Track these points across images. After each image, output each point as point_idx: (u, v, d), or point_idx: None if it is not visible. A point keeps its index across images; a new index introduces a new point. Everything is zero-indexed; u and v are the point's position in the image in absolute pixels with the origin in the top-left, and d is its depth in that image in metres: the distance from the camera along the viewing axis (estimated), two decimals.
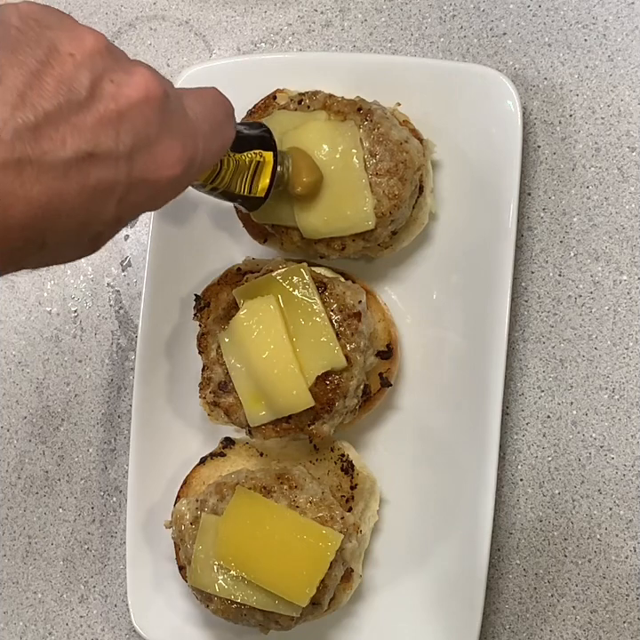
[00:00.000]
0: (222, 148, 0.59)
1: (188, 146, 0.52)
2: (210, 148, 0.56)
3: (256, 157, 0.67)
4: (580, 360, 0.80)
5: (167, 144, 0.51)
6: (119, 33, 0.94)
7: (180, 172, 0.52)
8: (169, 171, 0.51)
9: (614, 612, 0.78)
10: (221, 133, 0.58)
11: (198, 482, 0.81)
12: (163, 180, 0.51)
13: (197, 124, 0.55)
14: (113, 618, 0.90)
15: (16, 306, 0.95)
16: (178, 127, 0.52)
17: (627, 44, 0.81)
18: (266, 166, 0.68)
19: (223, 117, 0.59)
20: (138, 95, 0.49)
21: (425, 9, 0.86)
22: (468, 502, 0.77)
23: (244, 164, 0.66)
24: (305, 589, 0.72)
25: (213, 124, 0.57)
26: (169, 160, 0.51)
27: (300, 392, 0.73)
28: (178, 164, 0.51)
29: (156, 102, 0.50)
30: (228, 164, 0.65)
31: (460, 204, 0.80)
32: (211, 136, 0.56)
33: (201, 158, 0.54)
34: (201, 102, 0.57)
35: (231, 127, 0.60)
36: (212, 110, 0.57)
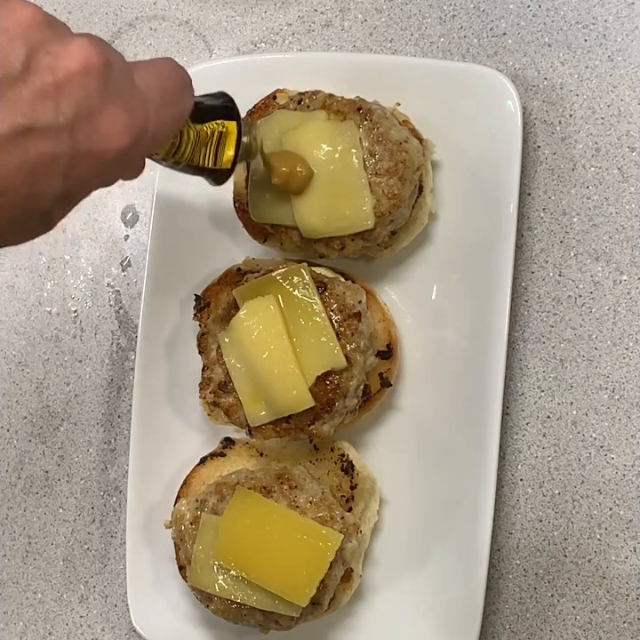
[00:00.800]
0: (178, 119, 0.57)
1: (135, 115, 0.51)
2: (163, 119, 0.54)
3: (218, 127, 0.65)
4: (579, 360, 0.80)
5: (111, 114, 0.49)
6: (119, 33, 0.94)
7: (127, 143, 0.50)
8: (115, 141, 0.49)
9: (614, 612, 0.78)
10: (176, 103, 0.56)
11: (198, 482, 0.81)
12: (110, 151, 0.49)
13: (147, 94, 0.53)
14: (113, 618, 0.90)
15: (16, 306, 0.95)
16: (123, 97, 0.50)
17: (627, 44, 0.81)
18: (229, 136, 0.65)
19: (177, 87, 0.57)
20: (76, 65, 0.47)
21: (425, 9, 0.86)
22: (468, 502, 0.77)
23: (205, 135, 0.64)
24: (305, 589, 0.72)
25: (166, 94, 0.55)
26: (114, 130, 0.49)
27: (300, 392, 0.73)
28: (124, 133, 0.50)
29: (96, 72, 0.48)
30: (188, 136, 0.62)
31: (460, 204, 0.80)
32: (163, 106, 0.54)
33: (153, 129, 0.53)
34: (152, 72, 0.55)
35: (187, 97, 0.58)
36: (164, 80, 0.55)
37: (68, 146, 0.47)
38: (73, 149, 0.47)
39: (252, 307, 0.75)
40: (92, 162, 0.49)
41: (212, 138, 0.65)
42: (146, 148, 0.53)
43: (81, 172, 0.49)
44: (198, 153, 0.64)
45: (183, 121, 0.58)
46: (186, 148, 0.63)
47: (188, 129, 0.63)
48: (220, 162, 0.66)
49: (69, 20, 0.95)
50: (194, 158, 0.64)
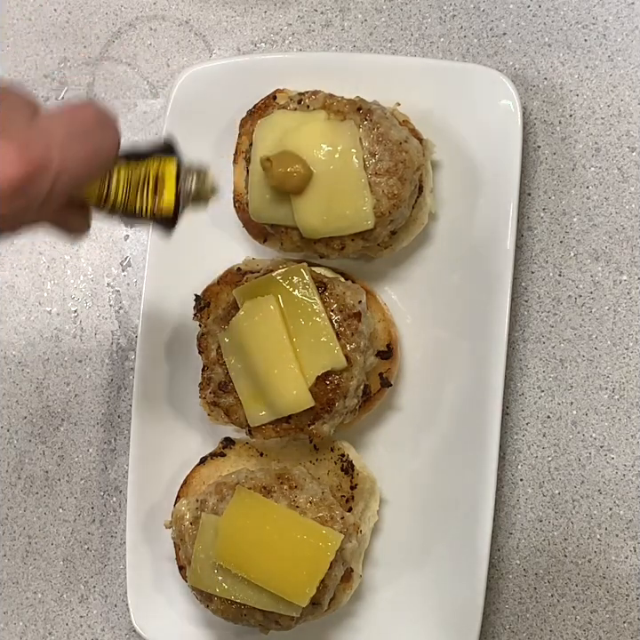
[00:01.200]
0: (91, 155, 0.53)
1: (28, 149, 0.49)
2: (70, 154, 0.51)
3: (153, 166, 0.59)
4: (580, 360, 0.80)
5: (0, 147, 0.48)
6: (119, 33, 0.94)
7: (20, 175, 0.48)
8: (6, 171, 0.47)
9: (614, 612, 0.78)
10: (88, 140, 0.53)
11: (198, 482, 0.81)
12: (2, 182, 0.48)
13: (49, 130, 0.51)
14: (113, 618, 0.90)
15: (16, 306, 0.95)
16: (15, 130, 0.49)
17: (627, 44, 0.81)
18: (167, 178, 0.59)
19: (87, 125, 0.53)
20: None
21: (425, 9, 0.86)
22: (468, 502, 0.77)
23: (137, 177, 0.58)
24: (305, 589, 0.72)
25: (73, 130, 0.52)
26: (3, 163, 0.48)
27: (300, 392, 0.73)
28: (15, 164, 0.48)
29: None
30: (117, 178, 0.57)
31: (460, 204, 0.81)
32: (69, 142, 0.51)
33: (58, 164, 0.50)
34: (61, 111, 0.53)
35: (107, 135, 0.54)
36: (72, 117, 0.53)
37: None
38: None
39: (251, 307, 0.75)
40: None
41: (148, 180, 0.58)
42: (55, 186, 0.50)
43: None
44: (133, 199, 0.58)
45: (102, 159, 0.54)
46: (117, 190, 0.57)
47: (119, 171, 0.58)
48: (160, 208, 0.59)
49: (69, 19, 0.95)
50: (128, 205, 0.58)
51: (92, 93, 0.94)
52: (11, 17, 0.97)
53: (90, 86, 0.94)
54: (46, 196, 0.51)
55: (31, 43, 0.96)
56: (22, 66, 0.96)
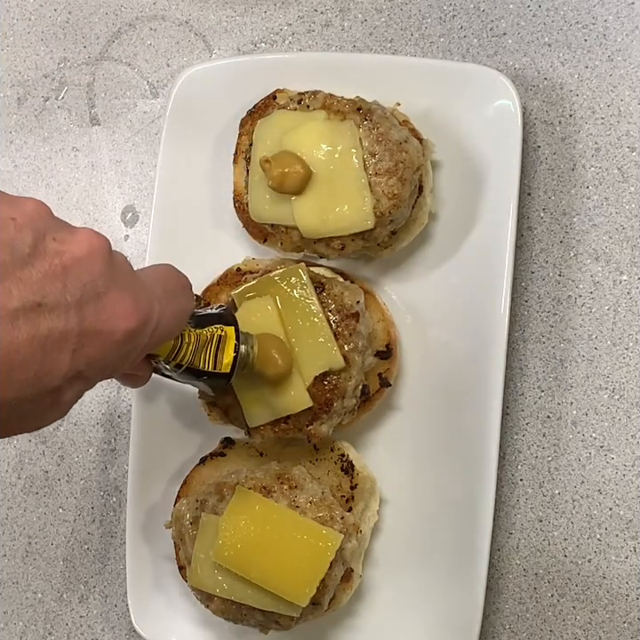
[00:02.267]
0: (180, 314, 0.60)
1: (139, 300, 0.53)
2: (166, 311, 0.56)
3: (217, 331, 0.67)
4: (579, 360, 0.80)
5: (117, 296, 0.51)
6: (119, 33, 0.94)
7: (134, 325, 0.52)
8: (122, 321, 0.51)
9: (614, 612, 0.78)
10: (177, 299, 0.59)
11: (198, 482, 0.81)
12: (117, 332, 0.51)
13: (149, 286, 0.56)
14: (113, 618, 0.90)
15: None
16: (127, 283, 0.53)
17: (627, 44, 0.81)
18: (228, 340, 0.68)
19: (178, 285, 0.60)
20: (81, 251, 0.50)
21: (425, 9, 0.86)
22: (468, 502, 0.77)
23: (205, 338, 0.66)
24: (305, 589, 0.72)
25: (167, 290, 0.58)
26: (120, 311, 0.51)
27: (298, 392, 0.73)
28: (131, 315, 0.52)
29: (100, 257, 0.51)
30: (188, 339, 0.65)
31: (460, 204, 0.80)
32: (165, 300, 0.57)
33: (157, 319, 0.55)
34: (153, 270, 0.59)
35: (188, 296, 0.61)
36: (165, 277, 0.59)
37: (77, 323, 0.49)
38: (81, 326, 0.49)
39: (249, 307, 0.75)
40: (100, 340, 0.50)
41: (212, 341, 0.67)
42: (151, 338, 0.55)
43: (89, 350, 0.50)
44: (199, 356, 0.66)
45: (186, 318, 0.61)
46: (187, 350, 0.65)
47: (189, 332, 0.65)
48: (220, 365, 0.67)
49: (69, 19, 0.95)
50: (194, 361, 0.66)
51: (92, 93, 0.94)
52: (11, 17, 0.97)
53: (90, 86, 0.95)
54: (143, 348, 0.55)
55: (31, 43, 0.96)
56: (22, 66, 0.96)
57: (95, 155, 0.94)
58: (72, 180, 0.94)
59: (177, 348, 0.64)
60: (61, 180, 0.94)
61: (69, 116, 0.95)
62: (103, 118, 0.94)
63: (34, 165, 0.95)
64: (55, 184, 0.95)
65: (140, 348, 0.55)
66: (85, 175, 0.94)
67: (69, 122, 0.95)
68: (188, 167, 0.85)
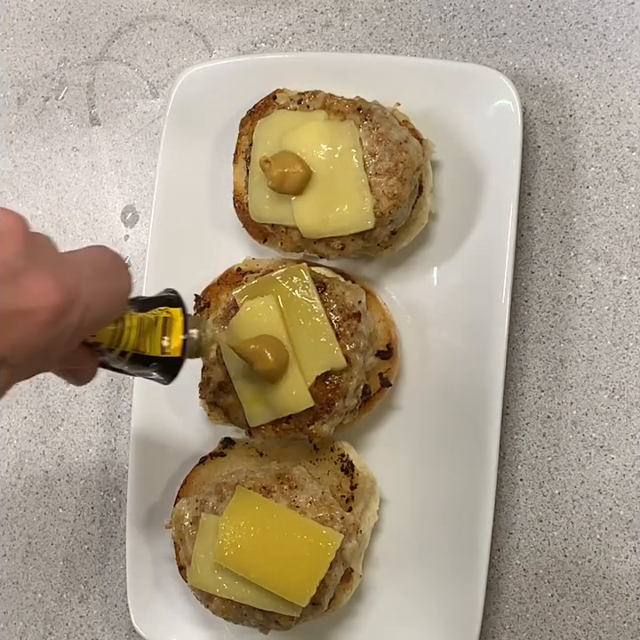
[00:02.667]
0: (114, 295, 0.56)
1: (63, 278, 0.50)
2: (96, 290, 0.53)
3: (162, 314, 0.63)
4: (579, 360, 0.80)
5: (36, 275, 0.49)
6: (119, 33, 0.94)
7: (57, 304, 0.49)
8: (43, 300, 0.49)
9: (614, 612, 0.78)
10: (110, 279, 0.56)
11: (198, 482, 0.81)
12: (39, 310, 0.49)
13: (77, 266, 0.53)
14: (113, 618, 0.90)
15: None
16: (48, 261, 0.51)
17: (627, 44, 0.81)
18: (174, 322, 0.63)
19: (110, 265, 0.57)
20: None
21: (425, 9, 0.86)
22: (468, 502, 0.77)
23: (148, 321, 0.62)
24: (305, 589, 0.72)
25: (98, 269, 0.55)
26: (41, 289, 0.49)
27: (299, 392, 0.73)
28: (53, 293, 0.49)
29: (15, 236, 0.49)
30: (130, 322, 0.61)
31: (460, 204, 0.81)
32: (95, 279, 0.54)
33: (86, 298, 0.52)
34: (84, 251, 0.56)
35: (123, 276, 0.57)
36: (95, 257, 0.56)
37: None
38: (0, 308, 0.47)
39: (251, 307, 0.75)
40: (21, 322, 0.48)
41: (157, 324, 0.63)
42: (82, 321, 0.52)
43: (11, 333, 0.48)
44: (144, 341, 0.62)
45: (121, 299, 0.57)
46: (130, 334, 0.61)
47: (130, 316, 0.61)
48: (169, 349, 0.63)
49: (69, 19, 0.95)
50: (139, 346, 0.62)
51: (92, 93, 0.94)
52: (11, 17, 0.97)
53: (90, 86, 0.95)
54: (74, 330, 0.52)
55: (31, 43, 0.96)
56: (22, 66, 0.96)
57: (95, 155, 0.94)
58: (72, 180, 0.94)
59: (119, 334, 0.60)
60: (61, 179, 0.94)
61: (69, 116, 0.95)
62: (103, 118, 0.94)
63: (34, 165, 0.95)
64: (55, 184, 0.95)
65: (71, 331, 0.52)
66: (85, 175, 0.94)
67: (69, 122, 0.95)
68: (188, 167, 0.85)
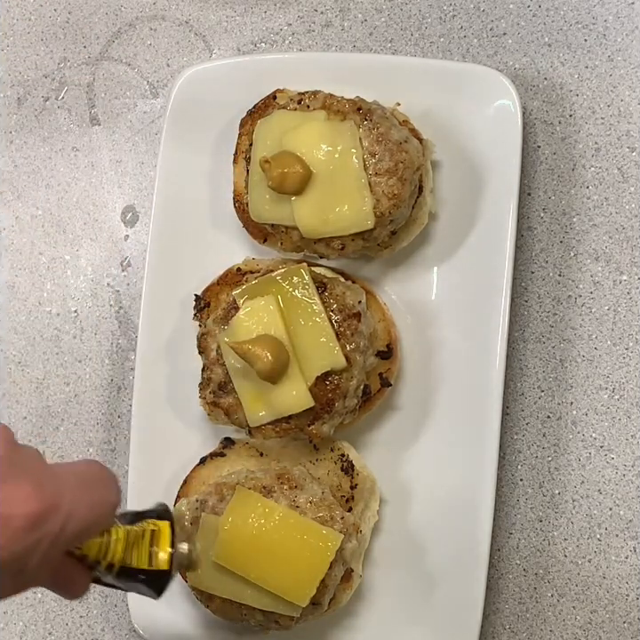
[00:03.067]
0: (98, 505, 0.56)
1: (43, 485, 0.51)
2: (80, 500, 0.54)
3: (149, 526, 0.63)
4: (579, 360, 0.80)
5: (16, 482, 0.50)
6: (119, 33, 0.94)
7: (35, 509, 0.50)
8: (20, 506, 0.49)
9: (614, 612, 0.78)
10: (95, 490, 0.56)
11: (198, 482, 0.81)
12: (16, 516, 0.49)
13: (61, 475, 0.54)
14: (113, 618, 0.90)
15: (16, 306, 0.95)
16: (31, 469, 0.52)
17: (627, 44, 0.81)
18: (162, 535, 0.63)
19: (95, 477, 0.57)
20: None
21: (425, 9, 0.86)
22: (468, 502, 0.77)
23: (135, 534, 0.62)
24: (305, 589, 0.72)
25: (84, 480, 0.56)
26: (19, 495, 0.50)
27: (299, 392, 0.73)
28: (31, 499, 0.50)
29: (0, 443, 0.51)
30: (116, 534, 0.61)
31: (460, 204, 0.81)
32: (80, 490, 0.54)
33: (67, 509, 0.52)
34: (68, 463, 0.57)
35: (110, 489, 0.58)
36: (82, 469, 0.57)
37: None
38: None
39: (251, 307, 0.75)
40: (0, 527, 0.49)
41: (144, 536, 0.63)
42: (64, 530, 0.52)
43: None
44: (130, 553, 0.62)
45: (107, 511, 0.58)
46: (116, 547, 0.61)
47: (117, 529, 0.62)
48: (156, 561, 0.63)
49: (69, 19, 0.95)
50: (126, 559, 0.62)
51: (92, 93, 0.94)
52: (11, 17, 0.97)
53: (90, 86, 0.94)
54: (54, 538, 0.52)
55: (31, 43, 0.96)
56: (22, 66, 0.96)
57: (95, 155, 0.94)
58: (72, 180, 0.94)
59: (105, 546, 0.60)
60: (61, 179, 0.94)
61: (69, 116, 0.95)
62: (103, 118, 0.94)
63: (34, 165, 0.95)
64: (55, 184, 0.95)
65: (50, 538, 0.52)
66: (85, 175, 0.94)
67: (69, 122, 0.95)
68: (188, 167, 0.85)
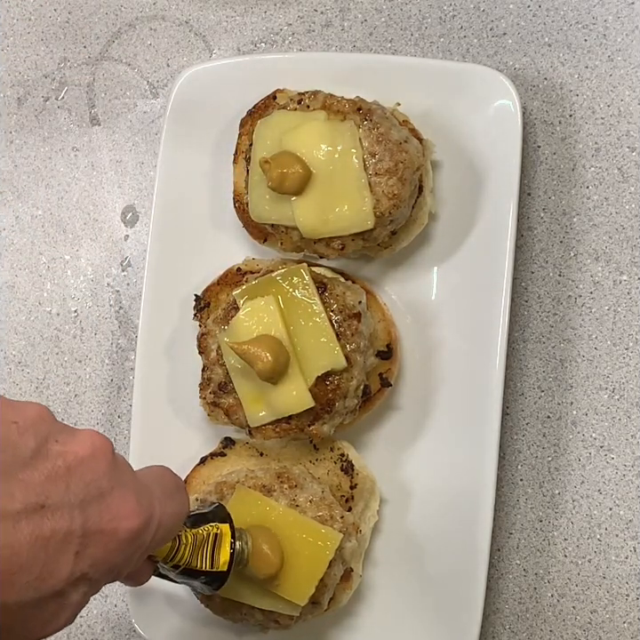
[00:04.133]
0: (178, 514, 0.59)
1: (142, 499, 0.53)
2: (166, 510, 0.56)
3: (213, 529, 0.67)
4: (579, 360, 0.80)
5: (120, 496, 0.51)
6: (119, 33, 0.94)
7: (138, 524, 0.52)
8: (126, 522, 0.51)
9: (614, 612, 0.78)
10: (175, 499, 0.59)
11: (198, 482, 0.81)
12: (121, 531, 0.51)
13: (150, 486, 0.56)
14: (113, 618, 0.90)
15: (16, 306, 0.95)
16: (129, 482, 0.53)
17: (627, 44, 0.81)
18: (224, 538, 0.67)
19: (173, 485, 0.60)
20: (84, 451, 0.51)
21: (425, 9, 0.86)
22: (469, 502, 0.77)
23: (201, 537, 0.66)
24: (304, 588, 0.72)
25: (165, 489, 0.58)
26: (124, 510, 0.51)
27: (300, 392, 0.73)
28: (134, 514, 0.52)
29: (103, 457, 0.52)
30: (185, 539, 0.64)
31: (460, 204, 0.81)
32: (164, 499, 0.56)
33: (158, 518, 0.54)
34: (149, 471, 0.59)
35: (184, 496, 0.61)
36: (161, 478, 0.59)
37: (80, 523, 0.49)
38: (85, 527, 0.49)
39: (251, 307, 0.75)
40: (104, 541, 0.50)
41: (208, 540, 0.66)
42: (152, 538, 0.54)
43: (93, 551, 0.50)
44: (196, 556, 0.65)
45: (183, 518, 0.61)
46: (184, 550, 0.64)
47: (185, 533, 0.65)
48: (217, 564, 0.67)
49: (69, 19, 0.95)
50: (192, 561, 0.65)
51: (92, 93, 0.94)
52: (11, 17, 0.97)
53: (90, 86, 0.95)
54: (146, 549, 0.54)
55: (31, 43, 0.96)
56: (22, 66, 0.96)
57: (95, 155, 0.94)
58: (72, 180, 0.94)
59: (175, 550, 0.64)
60: (61, 179, 0.94)
61: (69, 116, 0.95)
62: (103, 118, 0.94)
63: (34, 165, 0.95)
64: (55, 184, 0.95)
65: (144, 548, 0.54)
66: (85, 175, 0.94)
67: (69, 122, 0.95)
68: (188, 167, 0.85)
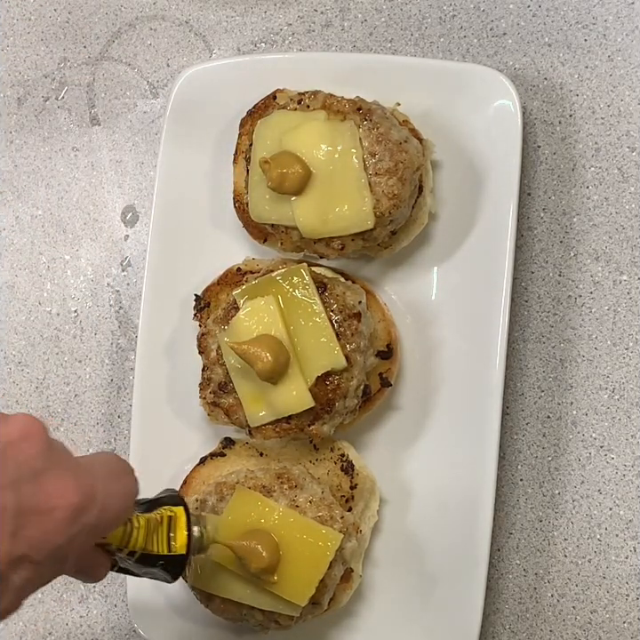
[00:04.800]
0: (125, 496, 0.58)
1: (80, 477, 0.52)
2: (110, 491, 0.55)
3: (167, 512, 0.67)
4: (579, 360, 0.80)
5: (56, 475, 0.51)
6: (119, 33, 0.94)
7: (76, 501, 0.51)
8: (62, 500, 0.51)
9: (614, 612, 0.78)
10: (121, 480, 0.58)
11: (198, 482, 0.81)
12: (57, 509, 0.50)
13: (92, 467, 0.55)
14: (113, 618, 0.90)
15: (16, 306, 0.95)
16: (65, 462, 0.53)
17: (627, 44, 0.81)
18: (179, 520, 0.67)
19: (119, 468, 0.59)
20: (16, 434, 0.51)
21: (425, 9, 0.86)
22: (468, 502, 0.77)
23: (155, 521, 0.65)
24: (304, 589, 0.72)
25: (110, 471, 0.57)
26: (60, 489, 0.51)
27: (300, 392, 0.73)
28: (71, 493, 0.51)
29: (37, 439, 0.51)
30: (137, 522, 0.64)
31: (460, 204, 0.81)
32: (109, 480, 0.56)
33: (102, 498, 0.54)
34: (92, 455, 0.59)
35: (132, 479, 0.60)
36: (105, 461, 0.58)
37: (13, 502, 0.48)
38: (18, 506, 0.49)
39: (252, 307, 0.75)
40: (40, 520, 0.50)
41: (162, 523, 0.66)
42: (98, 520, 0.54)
43: (31, 531, 0.49)
44: (151, 540, 0.65)
45: (131, 499, 0.60)
46: (138, 534, 0.64)
47: (137, 517, 0.64)
48: (175, 547, 0.66)
49: (69, 19, 0.95)
50: (147, 545, 0.65)
51: (92, 93, 0.94)
52: (11, 17, 0.97)
53: (90, 86, 0.95)
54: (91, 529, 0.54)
55: (31, 43, 0.96)
56: (22, 66, 0.96)
57: (95, 155, 0.94)
58: (72, 180, 0.94)
59: (128, 534, 0.63)
60: (61, 180, 0.94)
61: (69, 116, 0.95)
62: (103, 118, 0.94)
63: (34, 165, 0.95)
64: (55, 184, 0.95)
65: (88, 530, 0.53)
66: (85, 175, 0.94)
67: (69, 122, 0.95)
68: (188, 167, 0.85)
